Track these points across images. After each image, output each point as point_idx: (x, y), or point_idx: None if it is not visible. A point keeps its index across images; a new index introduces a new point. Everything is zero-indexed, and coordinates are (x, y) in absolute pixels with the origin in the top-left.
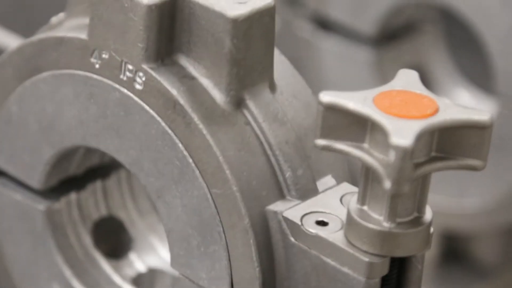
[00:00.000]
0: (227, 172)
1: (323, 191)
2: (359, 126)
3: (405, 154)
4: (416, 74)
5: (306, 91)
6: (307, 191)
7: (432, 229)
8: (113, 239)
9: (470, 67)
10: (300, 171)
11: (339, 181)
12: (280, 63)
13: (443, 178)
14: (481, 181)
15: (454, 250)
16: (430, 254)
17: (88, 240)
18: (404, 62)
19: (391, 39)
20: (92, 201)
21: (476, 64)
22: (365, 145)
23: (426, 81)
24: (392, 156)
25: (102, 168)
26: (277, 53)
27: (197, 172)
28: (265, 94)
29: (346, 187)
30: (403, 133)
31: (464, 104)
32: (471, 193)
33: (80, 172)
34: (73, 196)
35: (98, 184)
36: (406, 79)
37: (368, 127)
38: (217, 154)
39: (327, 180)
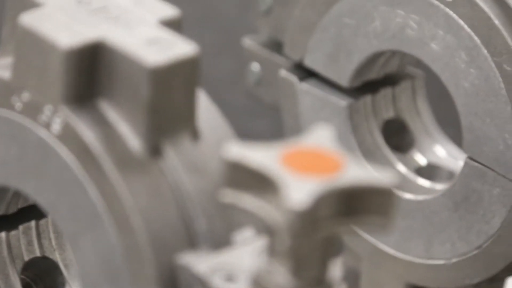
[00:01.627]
0: (136, 220)
1: (237, 244)
2: (262, 184)
3: (300, 215)
4: (332, 130)
5: (231, 140)
6: (221, 244)
7: None
8: (47, 280)
9: (447, 122)
10: (215, 222)
11: (260, 232)
12: (208, 111)
13: (412, 230)
14: (447, 236)
15: None
16: None
17: (17, 282)
18: (379, 113)
19: (368, 89)
20: (25, 241)
21: (452, 120)
22: (267, 204)
23: (401, 132)
24: (289, 215)
25: (37, 208)
26: (204, 100)
27: (107, 219)
28: (185, 142)
29: (264, 241)
30: (301, 193)
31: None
32: (439, 245)
33: (11, 211)
34: (3, 235)
35: (32, 224)
36: (320, 135)
37: (270, 186)
38: (127, 202)
39: (245, 232)
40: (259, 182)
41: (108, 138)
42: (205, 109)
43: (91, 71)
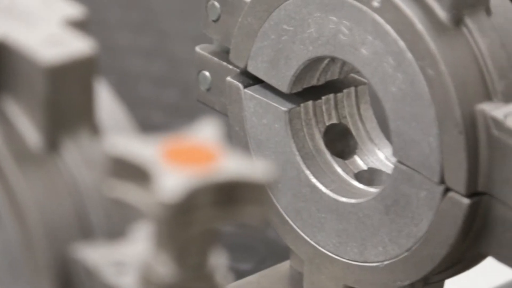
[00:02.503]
0: (32, 215)
1: (132, 237)
2: (142, 176)
3: (172, 208)
4: (216, 124)
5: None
6: (118, 236)
7: (224, 281)
8: None
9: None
10: (112, 215)
11: None
12: (109, 107)
13: (347, 231)
14: (380, 239)
15: None
16: None
17: None
18: (322, 118)
19: (311, 95)
20: None
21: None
22: (146, 194)
23: (345, 139)
24: (161, 208)
25: None
26: (107, 96)
27: (5, 213)
28: (83, 138)
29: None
30: (174, 185)
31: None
32: (372, 249)
33: None
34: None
35: None
36: (205, 129)
37: (148, 177)
38: (23, 196)
39: (142, 225)
40: (139, 175)
41: (6, 134)
42: (107, 105)
43: None
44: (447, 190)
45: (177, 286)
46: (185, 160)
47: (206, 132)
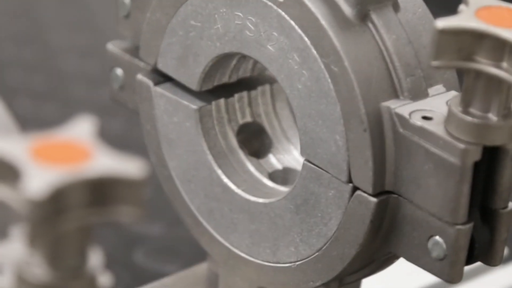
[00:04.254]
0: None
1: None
2: (10, 173)
3: (35, 204)
4: (91, 122)
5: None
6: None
7: (103, 281)
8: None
9: None
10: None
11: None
12: None
13: (260, 233)
14: (291, 238)
15: None
16: None
17: None
18: (235, 116)
19: (223, 93)
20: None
21: None
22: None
23: (261, 137)
24: (25, 205)
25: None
26: None
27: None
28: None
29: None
30: (39, 183)
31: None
32: (284, 249)
33: None
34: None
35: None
36: (78, 127)
37: (15, 175)
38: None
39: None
40: (8, 172)
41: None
42: None
43: None
44: (355, 189)
45: (51, 286)
46: (55, 157)
47: (80, 130)
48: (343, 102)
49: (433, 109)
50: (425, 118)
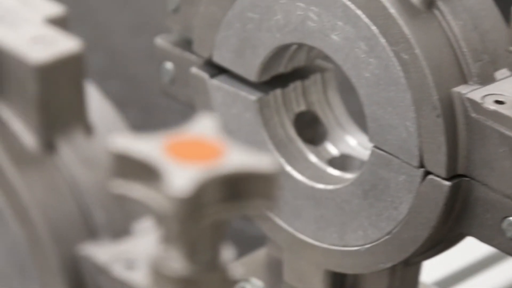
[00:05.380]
0: (34, 214)
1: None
2: (147, 173)
3: (183, 201)
4: (213, 118)
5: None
6: (121, 234)
7: (234, 274)
8: None
9: (358, 112)
10: (114, 213)
11: None
12: (100, 105)
13: (326, 217)
14: (359, 223)
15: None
16: None
17: None
18: (290, 106)
19: (279, 83)
20: None
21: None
22: (153, 191)
23: (316, 125)
24: (172, 203)
25: None
26: (96, 95)
27: (9, 215)
28: (78, 138)
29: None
30: (184, 180)
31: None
32: (353, 232)
33: None
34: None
35: None
36: (203, 124)
37: (154, 174)
38: (24, 197)
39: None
40: (145, 172)
41: (2, 135)
42: (97, 103)
43: None
44: (427, 173)
45: (188, 280)
46: (189, 155)
47: (205, 127)
48: (414, 89)
49: (504, 93)
50: (497, 102)
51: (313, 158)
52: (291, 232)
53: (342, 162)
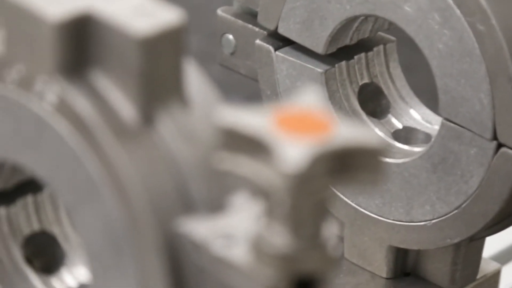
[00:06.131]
0: (134, 188)
1: (232, 209)
2: (255, 148)
3: (297, 176)
4: (320, 92)
5: (219, 108)
6: (218, 209)
7: (334, 251)
8: (45, 254)
9: (423, 87)
10: (211, 188)
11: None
12: (196, 78)
13: (392, 192)
14: (427, 198)
15: (404, 266)
16: (380, 269)
17: (18, 255)
18: (354, 79)
19: (343, 56)
20: (24, 216)
21: (427, 84)
22: (262, 167)
23: (379, 98)
24: (284, 178)
25: (34, 182)
26: (192, 70)
27: (107, 189)
28: (176, 110)
29: (257, 204)
30: (295, 155)
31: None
32: (420, 208)
33: (9, 187)
34: (2, 211)
35: (29, 198)
36: (309, 98)
37: (263, 149)
38: (125, 172)
39: (239, 197)
40: (253, 146)
41: (102, 109)
42: (193, 76)
43: (81, 43)
44: (500, 146)
45: (291, 256)
46: (298, 129)
47: (310, 100)
48: (489, 61)
49: None
50: None
51: (378, 131)
52: (355, 207)
53: (405, 135)
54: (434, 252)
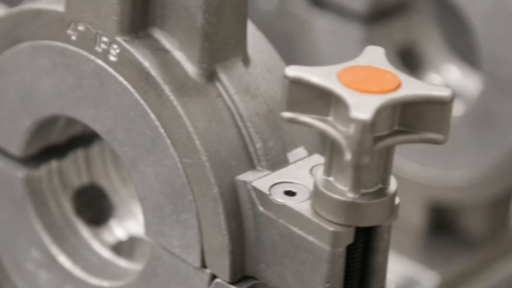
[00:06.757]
0: (197, 142)
1: (293, 162)
2: (323, 100)
3: (365, 127)
4: (382, 50)
5: (280, 65)
6: (277, 162)
7: (397, 200)
8: (95, 207)
9: (460, 44)
10: (270, 142)
11: (311, 152)
12: (255, 38)
13: (431, 151)
14: (468, 154)
15: (442, 222)
16: (418, 225)
17: (68, 208)
18: (394, 39)
19: (382, 17)
20: (74, 169)
21: (465, 42)
22: (329, 118)
23: (416, 57)
24: (352, 129)
25: (85, 137)
26: (252, 28)
27: (168, 142)
28: (237, 67)
29: (317, 158)
30: (363, 107)
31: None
32: (459, 166)
33: (61, 140)
34: (54, 163)
35: (80, 152)
36: (372, 56)
37: (332, 101)
38: (187, 125)
39: (299, 152)
40: (320, 99)
41: (164, 64)
42: (254, 35)
43: (146, 1)
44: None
45: (354, 205)
46: (364, 83)
47: (375, 57)
48: None
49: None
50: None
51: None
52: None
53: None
54: (472, 212)
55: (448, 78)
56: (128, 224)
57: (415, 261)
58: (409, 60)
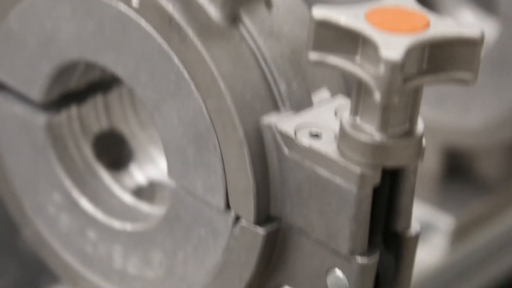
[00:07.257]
0: (222, 86)
1: (317, 104)
2: (351, 41)
3: (395, 67)
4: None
5: (302, 7)
6: (302, 104)
7: (424, 142)
8: (114, 151)
9: None
10: (294, 84)
11: (334, 94)
12: None
13: (447, 95)
14: (483, 98)
15: (458, 166)
16: (434, 169)
17: (88, 152)
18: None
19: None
20: (93, 114)
21: None
22: (357, 59)
23: (430, 1)
24: (382, 69)
25: (104, 82)
26: None
27: (192, 85)
28: (260, 10)
29: (341, 99)
30: (393, 47)
31: (462, 22)
32: (474, 110)
33: (81, 86)
34: (74, 109)
35: (99, 98)
36: None
37: (359, 42)
38: (211, 68)
39: (322, 93)
40: (348, 40)
41: (187, 8)
42: None
43: None
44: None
45: (381, 145)
46: (393, 23)
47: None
48: None
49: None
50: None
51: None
52: None
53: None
54: (487, 156)
55: (461, 21)
56: (147, 168)
57: (431, 205)
58: (424, 4)
